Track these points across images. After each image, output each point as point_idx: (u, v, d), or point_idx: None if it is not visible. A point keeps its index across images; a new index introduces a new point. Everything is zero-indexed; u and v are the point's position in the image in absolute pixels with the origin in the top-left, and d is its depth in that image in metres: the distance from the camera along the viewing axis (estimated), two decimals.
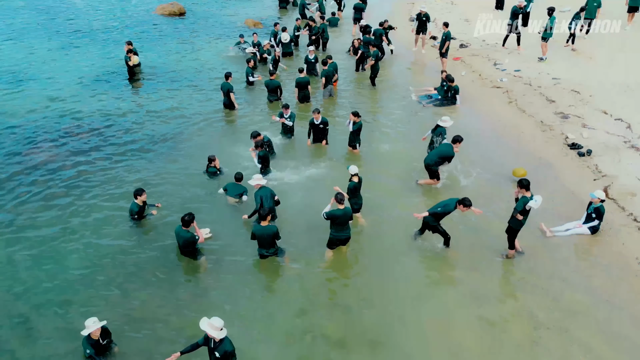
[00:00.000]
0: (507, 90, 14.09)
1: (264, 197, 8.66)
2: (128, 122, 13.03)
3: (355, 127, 11.09)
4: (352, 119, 11.02)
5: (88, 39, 19.65)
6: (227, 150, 11.64)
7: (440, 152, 9.74)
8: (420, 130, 12.28)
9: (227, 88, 13.35)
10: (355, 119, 11.00)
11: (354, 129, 11.11)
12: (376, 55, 14.65)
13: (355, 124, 11.06)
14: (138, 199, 9.09)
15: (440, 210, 8.04)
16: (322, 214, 8.05)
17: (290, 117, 11.78)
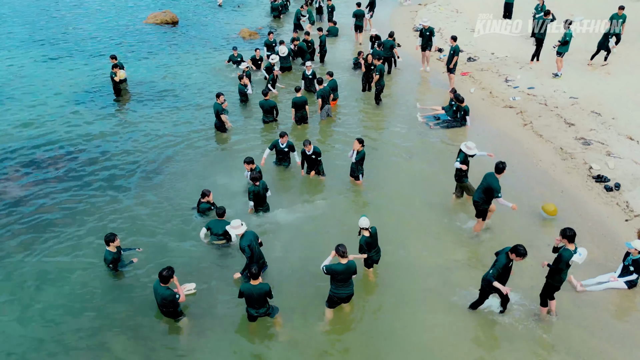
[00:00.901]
0: (520, 110, 13.04)
1: (253, 247, 7.59)
2: (110, 147, 11.96)
3: (358, 156, 10.03)
4: (357, 147, 9.94)
5: (73, 50, 18.58)
6: (215, 179, 10.59)
7: (486, 186, 8.31)
8: (429, 158, 11.26)
9: (216, 109, 12.30)
10: (359, 147, 9.94)
11: (357, 158, 10.06)
12: (381, 70, 13.58)
13: (358, 153, 10.01)
14: (111, 246, 8.02)
15: (495, 273, 6.69)
16: (322, 267, 6.99)
17: (288, 147, 10.72)
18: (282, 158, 10.80)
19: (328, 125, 13.18)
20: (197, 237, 8.75)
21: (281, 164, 10.90)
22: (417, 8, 23.95)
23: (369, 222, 7.55)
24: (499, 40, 18.42)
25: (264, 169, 10.47)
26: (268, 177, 10.53)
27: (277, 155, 10.74)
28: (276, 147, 10.56)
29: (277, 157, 10.77)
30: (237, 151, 11.81)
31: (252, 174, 9.22)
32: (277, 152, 10.65)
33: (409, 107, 13.87)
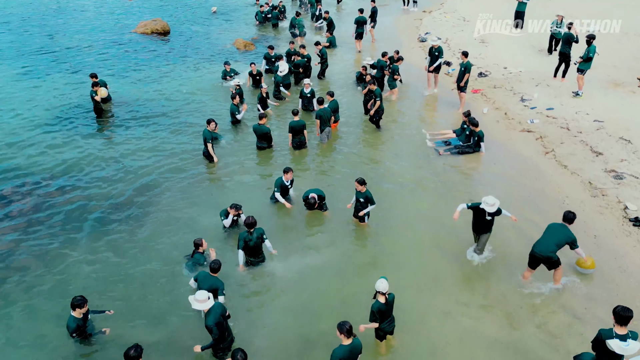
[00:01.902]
0: (540, 135, 11.83)
1: (223, 325, 6.38)
2: (85, 177, 10.76)
3: (361, 196, 8.84)
4: (359, 188, 8.78)
5: (55, 63, 17.40)
6: (202, 219, 9.39)
7: (560, 239, 7.26)
8: (441, 190, 10.05)
9: (204, 137, 11.10)
10: (361, 189, 8.76)
11: (361, 197, 8.86)
12: (379, 94, 12.41)
13: (361, 194, 8.82)
14: (77, 311, 6.80)
15: None
16: None
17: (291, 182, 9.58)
18: (283, 194, 9.59)
19: (328, 150, 11.98)
20: (181, 304, 7.51)
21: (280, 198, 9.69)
22: (422, 15, 22.76)
23: (387, 285, 6.37)
24: (511, 51, 17.24)
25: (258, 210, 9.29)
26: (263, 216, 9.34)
27: (280, 192, 9.52)
28: (282, 185, 9.37)
29: (280, 193, 9.55)
30: (227, 184, 10.61)
31: (247, 219, 8.00)
32: (282, 190, 9.46)
33: (415, 131, 12.66)
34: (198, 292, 6.44)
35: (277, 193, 9.37)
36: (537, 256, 7.35)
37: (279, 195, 9.38)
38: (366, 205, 8.89)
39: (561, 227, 7.35)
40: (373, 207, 8.90)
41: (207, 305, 6.35)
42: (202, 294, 6.39)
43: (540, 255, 7.30)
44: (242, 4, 26.34)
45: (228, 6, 26.30)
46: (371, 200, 8.84)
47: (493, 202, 7.69)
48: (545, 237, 7.41)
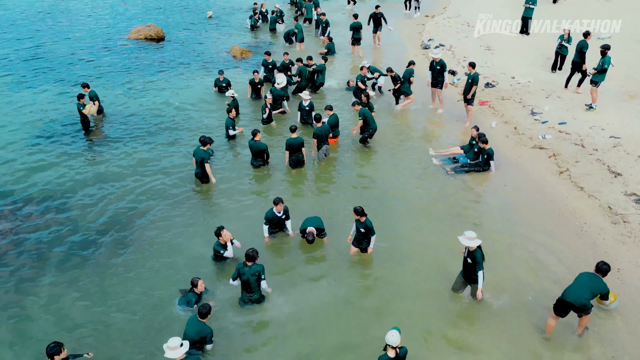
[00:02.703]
0: (553, 152, 11.13)
1: None
2: (66, 203, 10.03)
3: (361, 225, 8.14)
4: (356, 217, 8.09)
5: (44, 72, 16.71)
6: (193, 250, 8.70)
7: (592, 289, 6.56)
8: (447, 216, 9.35)
9: (202, 157, 10.39)
10: (359, 217, 8.07)
11: (361, 227, 8.17)
12: (364, 114, 11.65)
13: (361, 223, 8.13)
14: (55, 359, 6.12)
15: None
16: None
17: (285, 213, 8.82)
18: (276, 226, 8.86)
19: (327, 168, 11.29)
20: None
21: (275, 234, 8.95)
22: (425, 20, 22.06)
23: (399, 339, 5.69)
24: (518, 59, 16.56)
25: (252, 238, 8.62)
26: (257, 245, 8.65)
27: (270, 225, 8.81)
28: (272, 220, 8.67)
29: (270, 227, 8.83)
30: (219, 208, 9.91)
31: (248, 251, 7.32)
32: (272, 223, 8.75)
33: (420, 147, 11.97)
34: (171, 339, 5.90)
35: (265, 227, 8.67)
36: (570, 303, 6.60)
37: (266, 229, 8.69)
38: (367, 235, 8.20)
39: (593, 277, 6.62)
40: (374, 238, 8.22)
41: (179, 354, 5.83)
42: (174, 340, 5.91)
43: (574, 302, 6.56)
44: (238, 9, 25.64)
45: (224, 9, 25.62)
46: (371, 230, 8.15)
47: (472, 235, 6.99)
48: (578, 283, 6.66)
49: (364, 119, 11.61)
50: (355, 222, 8.23)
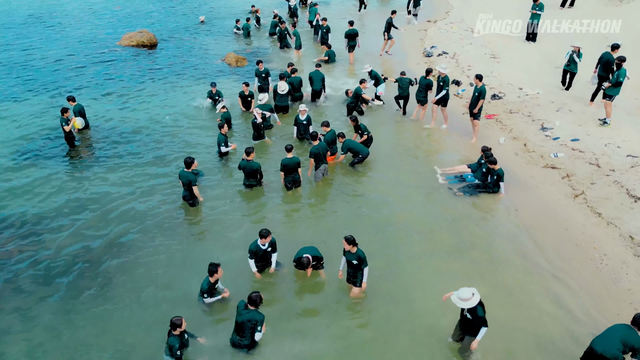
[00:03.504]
0: (567, 173, 10.41)
1: None
2: (41, 227, 9.31)
3: (353, 257, 7.40)
4: (348, 248, 7.35)
5: (29, 81, 15.97)
6: (177, 287, 7.97)
7: (625, 338, 5.87)
8: (456, 249, 8.63)
9: (189, 180, 9.66)
10: (351, 248, 7.32)
11: (353, 259, 7.42)
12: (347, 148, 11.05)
13: (352, 255, 7.38)
14: None
15: None
16: None
17: (271, 245, 8.06)
18: (262, 260, 8.09)
19: (325, 189, 10.57)
20: None
21: (262, 269, 8.20)
22: (427, 26, 21.32)
23: None
24: (525, 68, 15.83)
25: (239, 271, 7.91)
26: (246, 281, 7.95)
27: (255, 259, 8.05)
28: (257, 253, 7.93)
29: (255, 260, 8.08)
30: (208, 235, 9.18)
31: (255, 295, 6.57)
32: (257, 256, 8.00)
33: (423, 164, 11.26)
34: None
35: (250, 261, 7.94)
36: (600, 355, 5.89)
37: (252, 263, 7.95)
38: (360, 267, 7.45)
39: (627, 329, 5.93)
40: (366, 270, 7.46)
41: None
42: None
43: (604, 354, 5.85)
44: (233, 13, 24.90)
45: (219, 13, 24.87)
46: (364, 261, 7.39)
47: (467, 296, 6.15)
48: (610, 333, 5.97)
49: (350, 150, 10.98)
50: (346, 254, 7.47)
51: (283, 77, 13.57)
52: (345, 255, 7.51)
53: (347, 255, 7.46)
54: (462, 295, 6.16)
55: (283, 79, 13.52)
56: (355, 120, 11.65)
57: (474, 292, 6.20)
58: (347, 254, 7.46)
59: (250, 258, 7.96)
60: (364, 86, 13.29)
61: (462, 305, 6.18)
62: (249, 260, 7.97)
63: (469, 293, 6.17)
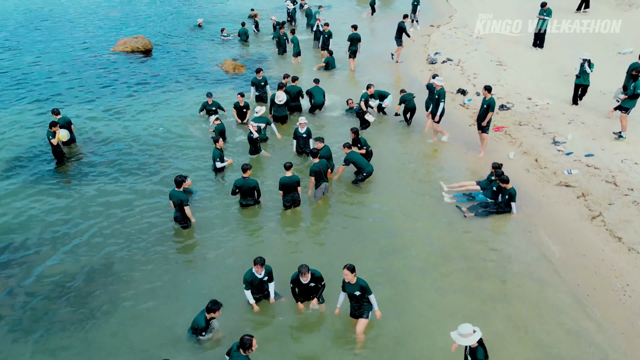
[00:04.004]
0: (582, 192, 9.83)
1: None
2: (23, 258, 8.63)
3: (354, 289, 6.78)
4: (349, 278, 6.72)
5: (18, 89, 15.40)
6: (169, 321, 7.37)
7: None
8: (467, 279, 8.04)
9: (180, 200, 9.07)
10: (352, 278, 6.71)
11: (355, 291, 6.81)
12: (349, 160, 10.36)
13: (354, 286, 6.77)
14: None
15: None
16: None
17: (267, 274, 7.44)
18: (258, 291, 7.51)
19: (326, 208, 9.99)
20: None
21: (259, 300, 7.61)
22: (430, 31, 20.78)
23: None
24: (533, 76, 15.29)
25: (235, 303, 7.32)
26: (240, 316, 7.35)
27: (252, 289, 7.45)
28: (252, 282, 7.33)
29: (252, 291, 7.47)
30: (199, 263, 8.56)
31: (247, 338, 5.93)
32: (253, 286, 7.41)
33: (428, 181, 10.67)
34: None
35: (246, 291, 7.35)
36: None
37: (248, 294, 7.36)
38: (364, 297, 6.84)
39: None
40: (373, 297, 6.85)
41: None
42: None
43: None
44: (230, 18, 24.34)
45: (217, 17, 24.31)
46: (367, 289, 6.77)
47: (467, 331, 5.56)
48: None
49: (353, 164, 10.33)
50: (346, 287, 6.84)
51: (281, 87, 13.01)
52: (345, 290, 6.89)
53: (348, 288, 6.85)
54: (461, 331, 5.62)
55: (281, 89, 12.95)
56: (356, 132, 11.07)
57: (475, 330, 5.64)
58: (347, 287, 6.85)
59: (246, 289, 7.36)
60: (370, 91, 12.67)
61: (461, 342, 5.61)
62: (245, 291, 7.37)
63: (470, 329, 5.62)
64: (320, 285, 7.31)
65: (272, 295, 7.51)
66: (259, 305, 7.48)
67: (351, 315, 7.12)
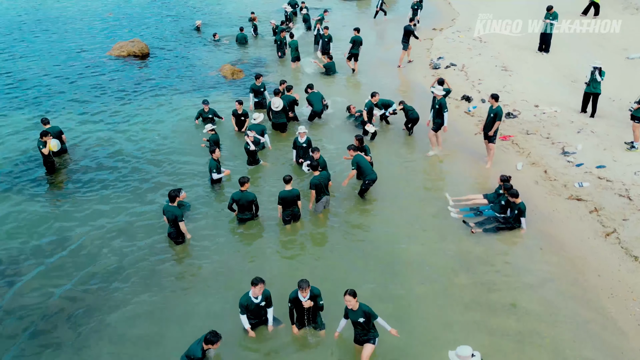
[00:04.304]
0: (595, 207, 9.40)
1: None
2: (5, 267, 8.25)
3: (358, 315, 6.35)
4: (351, 305, 6.28)
5: (8, 97, 14.93)
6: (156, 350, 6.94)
7: None
8: (476, 302, 7.60)
9: (174, 215, 8.65)
10: (354, 304, 6.27)
11: (359, 317, 6.38)
12: (358, 163, 9.87)
13: (356, 313, 6.34)
14: None
15: None
16: None
17: (265, 299, 7.00)
18: (255, 316, 7.06)
19: (326, 221, 9.57)
20: None
21: (256, 326, 7.16)
22: (433, 34, 20.35)
23: None
24: (539, 82, 14.86)
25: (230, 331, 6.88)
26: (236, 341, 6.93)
27: (248, 314, 7.01)
28: (248, 307, 6.90)
29: (248, 316, 7.03)
30: (195, 284, 8.11)
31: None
32: (248, 311, 6.97)
33: (432, 196, 10.24)
34: None
35: (242, 316, 6.90)
36: None
37: (244, 319, 6.91)
38: (370, 322, 6.41)
39: None
40: (382, 320, 6.44)
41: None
42: None
43: None
44: (228, 20, 23.91)
45: (216, 19, 23.87)
46: (373, 314, 6.36)
47: (466, 354, 5.18)
48: None
49: (357, 168, 9.88)
50: (349, 312, 6.42)
51: (277, 93, 12.58)
52: (348, 317, 6.46)
53: (352, 316, 6.41)
54: (460, 352, 5.22)
55: (277, 95, 12.53)
56: (361, 140, 10.64)
57: (474, 354, 5.22)
58: (350, 314, 6.41)
59: (241, 313, 6.93)
60: (375, 100, 12.23)
61: None
62: (240, 316, 6.94)
63: (469, 351, 5.22)
64: (319, 305, 6.86)
65: (270, 322, 7.07)
66: (255, 331, 7.05)
67: (355, 342, 6.69)
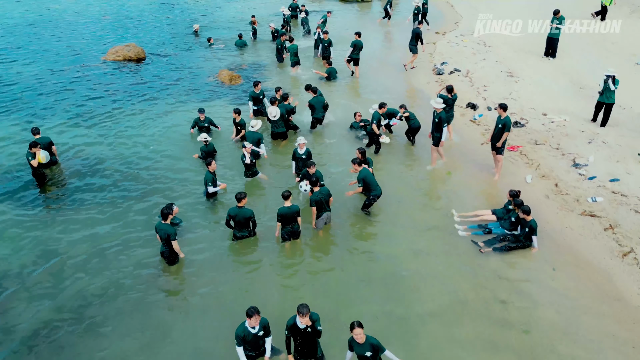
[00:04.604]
0: (609, 224, 8.94)
1: None
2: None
3: (365, 349, 5.87)
4: (359, 338, 5.79)
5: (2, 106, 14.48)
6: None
7: None
8: (486, 326, 7.13)
9: (167, 234, 8.19)
10: (361, 336, 5.78)
11: (366, 352, 5.91)
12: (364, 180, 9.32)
13: (363, 346, 5.87)
14: None
15: None
16: None
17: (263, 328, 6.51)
18: (253, 348, 6.58)
19: (327, 237, 9.11)
20: None
21: (253, 357, 6.67)
22: (436, 38, 19.91)
23: None
24: (547, 89, 14.43)
25: None
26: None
27: (245, 346, 6.54)
28: (245, 338, 6.43)
29: (244, 347, 6.56)
30: (189, 308, 7.63)
31: None
32: (246, 342, 6.49)
33: (438, 211, 9.77)
34: None
35: (238, 349, 6.42)
36: None
37: (240, 352, 6.42)
38: (377, 355, 5.94)
39: None
40: (390, 353, 5.99)
41: None
42: None
43: None
44: (227, 24, 23.46)
45: (214, 23, 23.43)
46: (381, 347, 5.91)
47: None
48: None
49: (363, 184, 9.40)
50: (354, 345, 5.95)
51: (274, 101, 12.13)
52: (353, 350, 6.01)
53: (357, 349, 5.95)
54: None
55: (274, 104, 12.07)
56: (363, 153, 10.14)
57: None
58: (356, 347, 5.95)
59: (238, 346, 6.46)
60: (382, 111, 11.70)
61: None
62: (237, 349, 6.47)
63: None
64: (317, 330, 6.35)
65: (268, 353, 6.60)
66: None
67: None
